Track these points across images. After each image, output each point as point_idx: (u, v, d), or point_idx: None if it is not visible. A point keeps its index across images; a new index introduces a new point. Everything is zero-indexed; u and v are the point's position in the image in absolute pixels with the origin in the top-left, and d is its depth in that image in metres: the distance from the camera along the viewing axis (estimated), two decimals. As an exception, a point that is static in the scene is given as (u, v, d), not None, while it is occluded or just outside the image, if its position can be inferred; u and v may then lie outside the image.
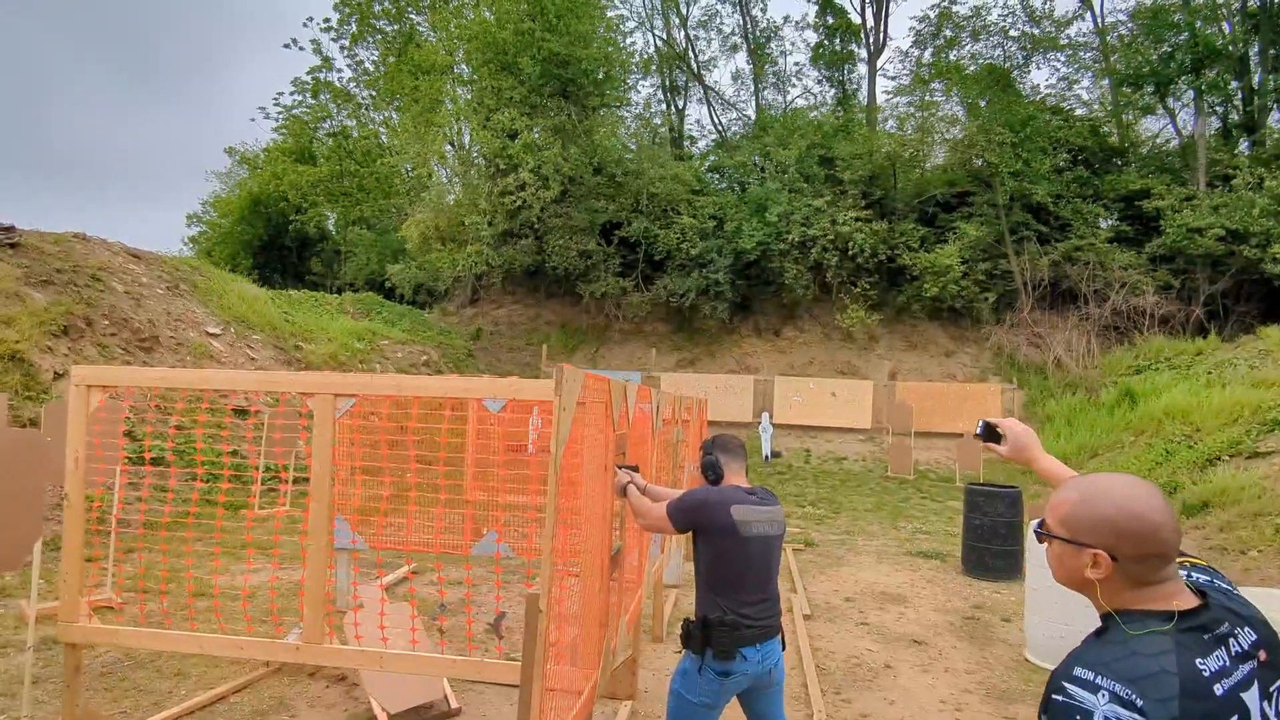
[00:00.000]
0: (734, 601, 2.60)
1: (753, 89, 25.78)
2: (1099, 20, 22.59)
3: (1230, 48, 20.46)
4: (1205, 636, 1.16)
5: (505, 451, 7.09)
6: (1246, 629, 1.21)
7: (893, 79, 25.48)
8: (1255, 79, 21.85)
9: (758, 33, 25.63)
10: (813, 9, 25.73)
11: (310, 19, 26.60)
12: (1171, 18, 21.10)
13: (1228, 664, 1.14)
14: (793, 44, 41.41)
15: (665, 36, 24.83)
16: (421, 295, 24.88)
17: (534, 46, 17.97)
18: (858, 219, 18.95)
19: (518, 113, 17.16)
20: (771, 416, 17.19)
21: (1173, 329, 17.20)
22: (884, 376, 18.43)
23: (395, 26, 26.75)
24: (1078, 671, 1.14)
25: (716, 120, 26.17)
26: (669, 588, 6.12)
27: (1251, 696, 1.14)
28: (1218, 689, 1.11)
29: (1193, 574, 1.31)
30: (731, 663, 2.56)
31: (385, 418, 6.50)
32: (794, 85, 26.73)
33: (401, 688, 3.66)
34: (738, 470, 2.84)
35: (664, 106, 25.28)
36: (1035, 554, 5.04)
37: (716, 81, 35.57)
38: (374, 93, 27.67)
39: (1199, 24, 20.70)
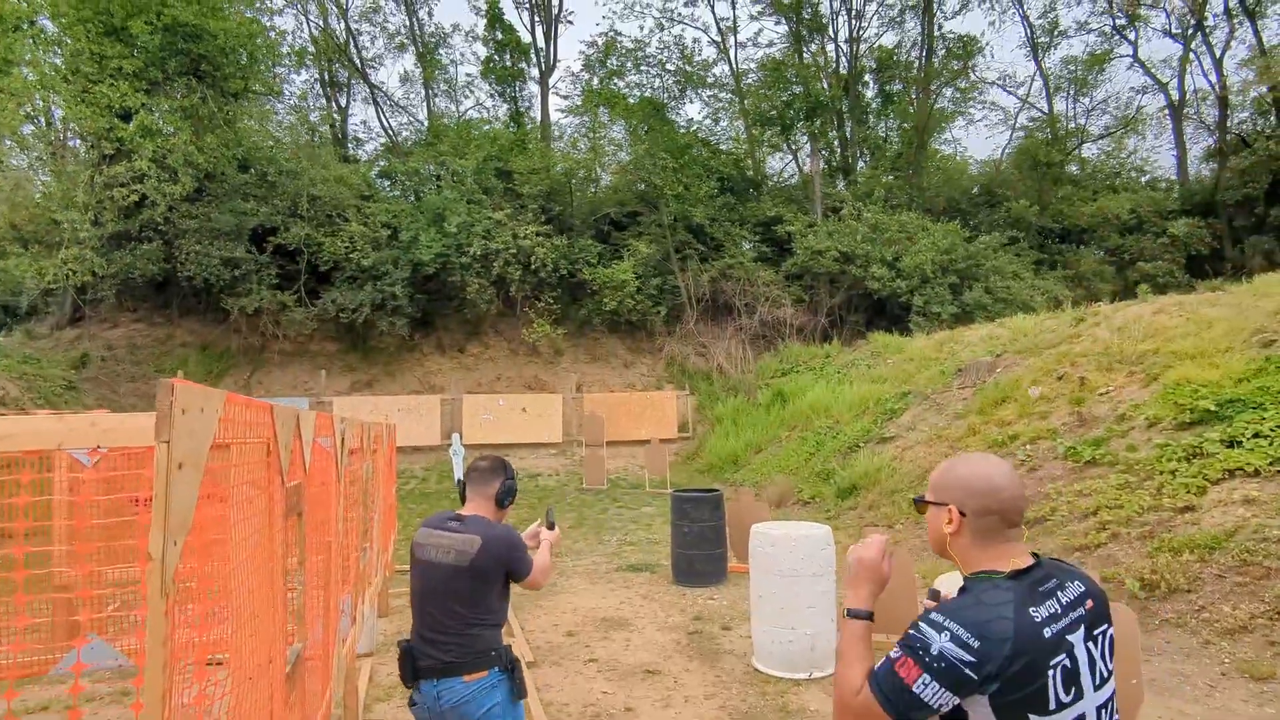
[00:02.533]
0: (414, 631, 2.57)
1: (423, 94, 24.59)
2: (734, 66, 25.67)
3: (831, 103, 24.61)
4: (1039, 589, 1.37)
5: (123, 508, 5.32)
6: (1076, 582, 1.43)
7: (565, 98, 26.24)
8: (848, 131, 26.69)
9: (426, 36, 24.52)
10: (481, 22, 25.40)
11: None
12: (788, 73, 24.81)
13: (1058, 611, 1.36)
14: (463, 54, 40.77)
15: (322, 24, 22.49)
16: (-5, 314, 19.21)
17: (150, 11, 14.82)
18: (538, 233, 18.89)
19: (130, 88, 13.91)
20: (462, 437, 16.24)
21: (806, 336, 19.96)
22: (571, 389, 18.57)
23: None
24: (932, 616, 1.33)
25: (385, 123, 24.48)
26: (362, 658, 4.98)
27: (1077, 637, 1.36)
28: (1047, 632, 1.32)
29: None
30: (413, 693, 2.54)
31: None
32: (467, 96, 26.00)
33: None
34: (475, 495, 2.71)
35: (324, 102, 22.86)
36: (756, 558, 4.98)
37: (384, 82, 33.40)
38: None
39: (809, 80, 24.63)
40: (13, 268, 14.72)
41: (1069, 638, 1.35)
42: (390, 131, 24.25)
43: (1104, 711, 1.38)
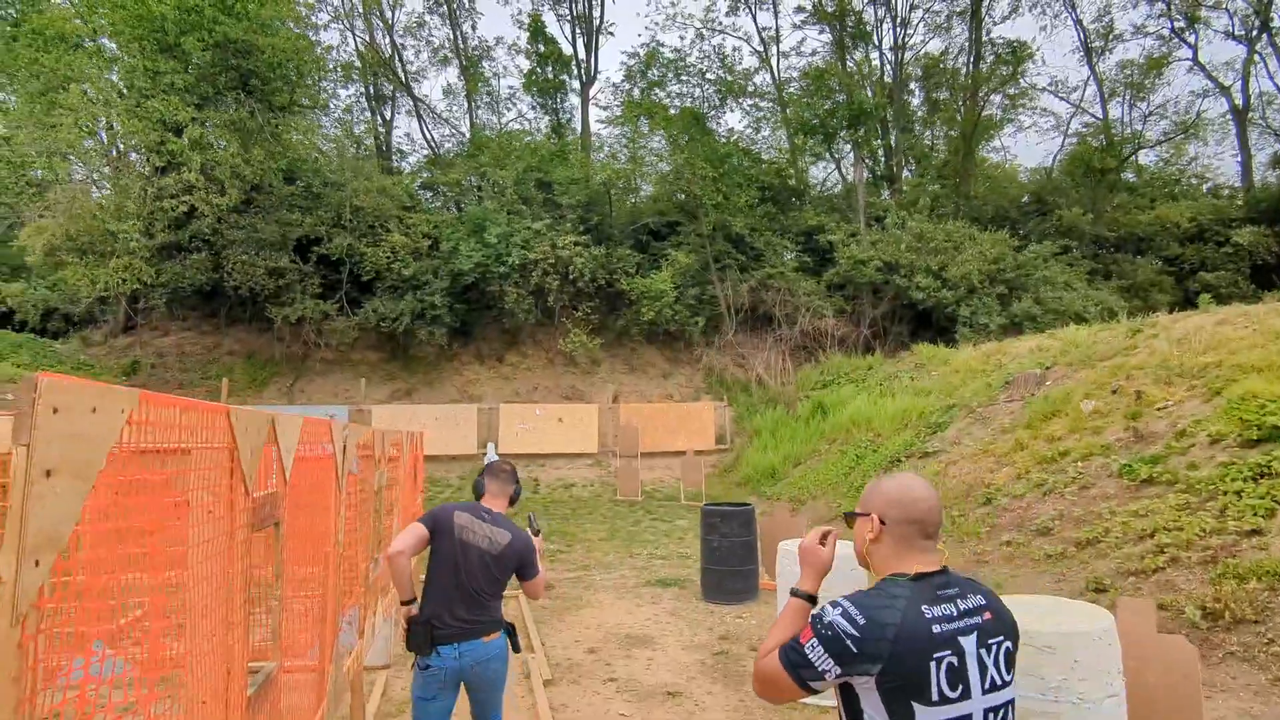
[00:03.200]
0: (435, 602, 2.89)
1: (466, 106, 24.91)
2: (776, 75, 25.45)
3: (875, 111, 24.21)
4: (938, 592, 1.50)
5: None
6: (978, 595, 1.55)
7: (604, 109, 26.28)
8: (893, 139, 26.22)
9: (469, 49, 24.87)
10: (524, 35, 25.66)
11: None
12: (831, 81, 24.50)
13: (953, 614, 1.48)
14: (505, 68, 41.26)
15: (368, 39, 22.95)
16: (55, 322, 19.94)
17: (203, 28, 15.27)
18: (577, 243, 18.88)
19: (181, 103, 14.32)
20: (497, 446, 16.28)
21: (848, 347, 19.53)
22: (607, 399, 18.46)
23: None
24: (837, 598, 1.52)
25: (428, 135, 24.82)
26: (375, 670, 4.90)
27: (969, 642, 1.48)
28: (935, 629, 1.46)
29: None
30: (427, 658, 2.87)
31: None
32: (509, 109, 26.29)
33: None
34: (497, 493, 3.16)
35: (369, 115, 23.31)
36: (783, 578, 4.77)
37: (427, 95, 33.96)
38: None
39: (853, 88, 24.30)
40: (70, 278, 15.23)
41: (960, 640, 1.47)
42: (432, 143, 24.62)
43: (993, 715, 1.49)
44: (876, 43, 26.83)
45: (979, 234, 19.85)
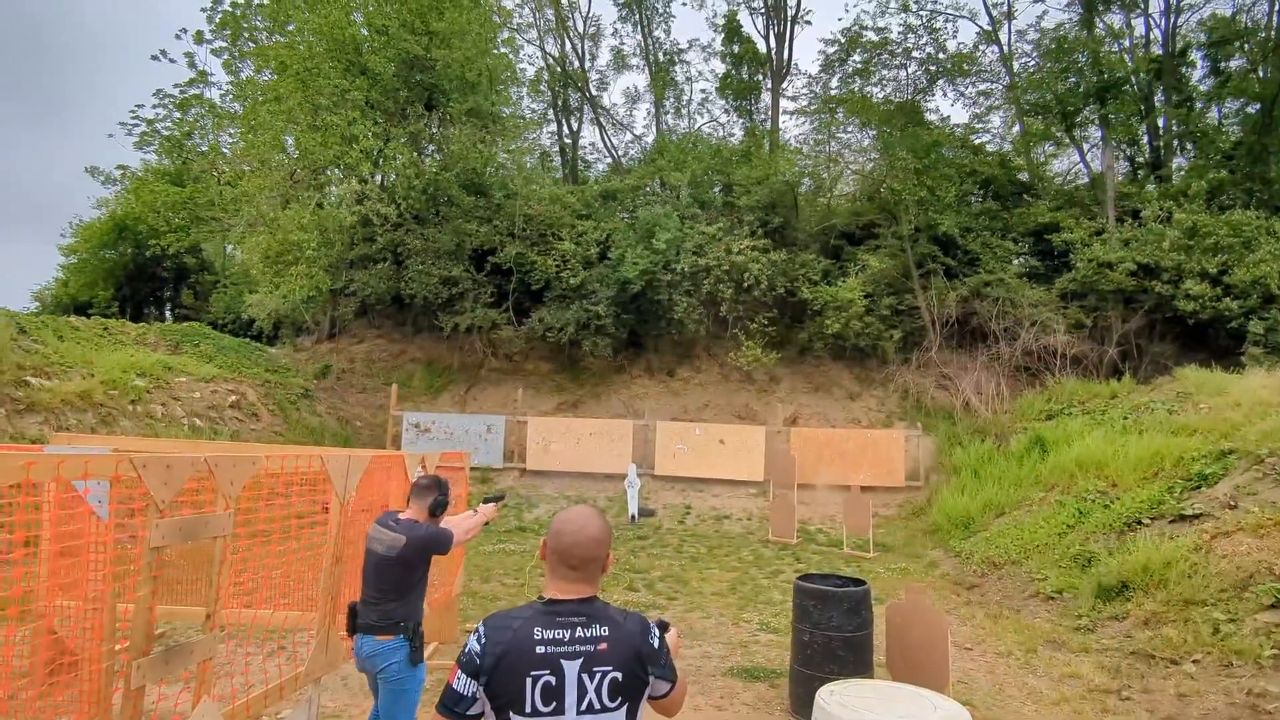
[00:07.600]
0: (361, 596, 3.51)
1: (653, 113, 24.21)
2: (1008, 49, 21.78)
3: (1133, 79, 19.79)
4: (557, 618, 1.72)
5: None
6: (604, 628, 1.74)
7: (793, 99, 24.05)
8: (1160, 122, 21.32)
9: (660, 55, 24.16)
10: (719, 37, 24.42)
11: (184, 31, 23.88)
12: (1076, 54, 20.44)
13: (563, 639, 1.69)
14: (699, 71, 40.43)
15: (557, 53, 23.09)
16: (286, 330, 22.14)
17: (391, 49, 15.88)
18: (754, 247, 17.18)
19: (359, 114, 14.89)
20: (652, 467, 15.10)
21: (1085, 370, 15.81)
22: (780, 421, 16.49)
23: (276, 38, 24.31)
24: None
25: (609, 144, 24.43)
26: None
27: (571, 665, 1.68)
28: (539, 649, 1.67)
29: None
30: (353, 640, 3.48)
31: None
32: (702, 114, 25.21)
33: None
34: (415, 504, 3.66)
35: (555, 126, 23.45)
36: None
37: (614, 104, 33.97)
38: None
39: (1108, 64, 20.07)
40: (263, 287, 16.41)
41: (562, 662, 1.67)
42: (614, 151, 24.21)
43: None
44: (1141, 5, 21.98)
45: (1282, 225, 15.17)
